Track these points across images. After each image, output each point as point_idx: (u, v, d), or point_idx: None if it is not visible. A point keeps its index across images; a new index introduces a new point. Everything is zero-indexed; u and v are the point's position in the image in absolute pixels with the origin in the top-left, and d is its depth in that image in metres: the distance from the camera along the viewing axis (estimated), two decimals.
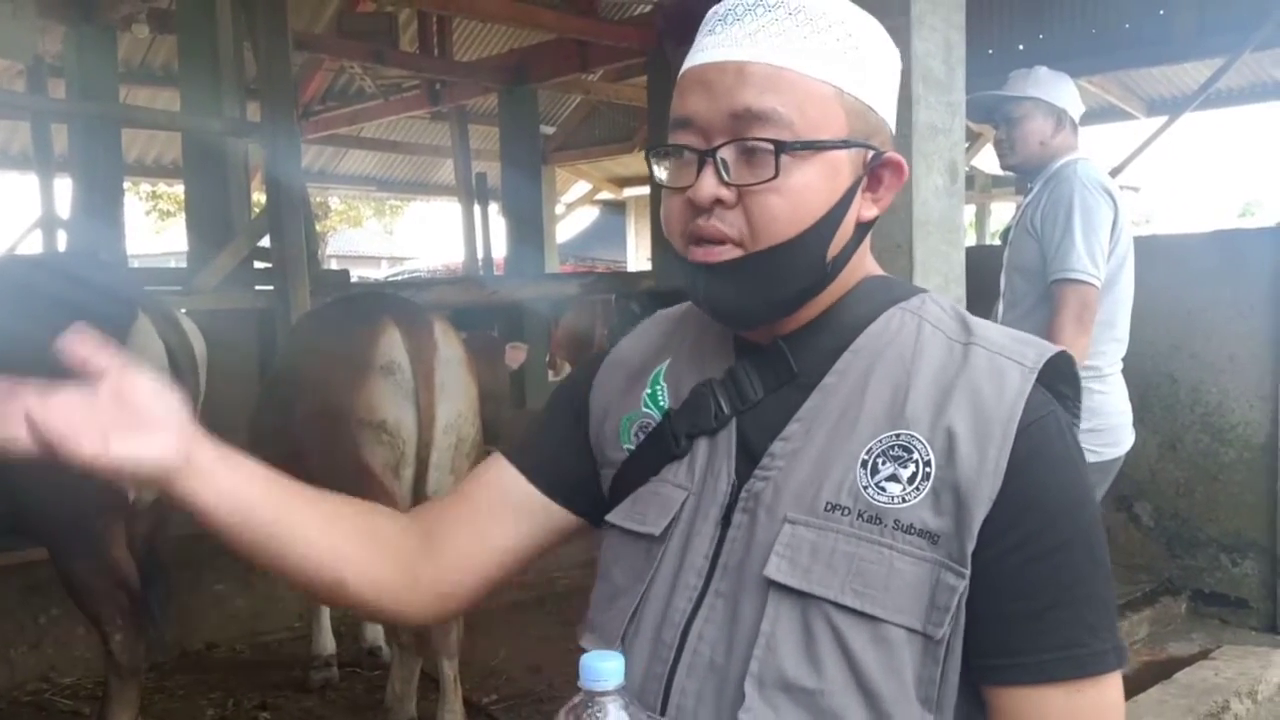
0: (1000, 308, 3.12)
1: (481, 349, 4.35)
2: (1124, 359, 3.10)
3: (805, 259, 0.94)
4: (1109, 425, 3.00)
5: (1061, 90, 3.08)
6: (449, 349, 3.19)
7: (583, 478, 1.10)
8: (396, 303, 3.34)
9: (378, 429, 3.02)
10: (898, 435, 0.90)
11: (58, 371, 0.84)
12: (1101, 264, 2.89)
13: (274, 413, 3.31)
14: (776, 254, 0.92)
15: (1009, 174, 3.32)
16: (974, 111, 2.96)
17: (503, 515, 1.10)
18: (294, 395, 3.17)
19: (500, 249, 10.03)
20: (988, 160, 12.23)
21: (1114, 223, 2.94)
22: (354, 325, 3.18)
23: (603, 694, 0.82)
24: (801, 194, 0.91)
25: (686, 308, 1.11)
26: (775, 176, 0.90)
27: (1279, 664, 3.93)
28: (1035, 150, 3.07)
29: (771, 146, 0.89)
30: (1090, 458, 2.97)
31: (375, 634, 4.10)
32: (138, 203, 18.88)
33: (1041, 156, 3.07)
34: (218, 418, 3.08)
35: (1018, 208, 3.19)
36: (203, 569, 4.16)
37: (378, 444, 3.03)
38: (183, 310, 3.14)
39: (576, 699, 0.83)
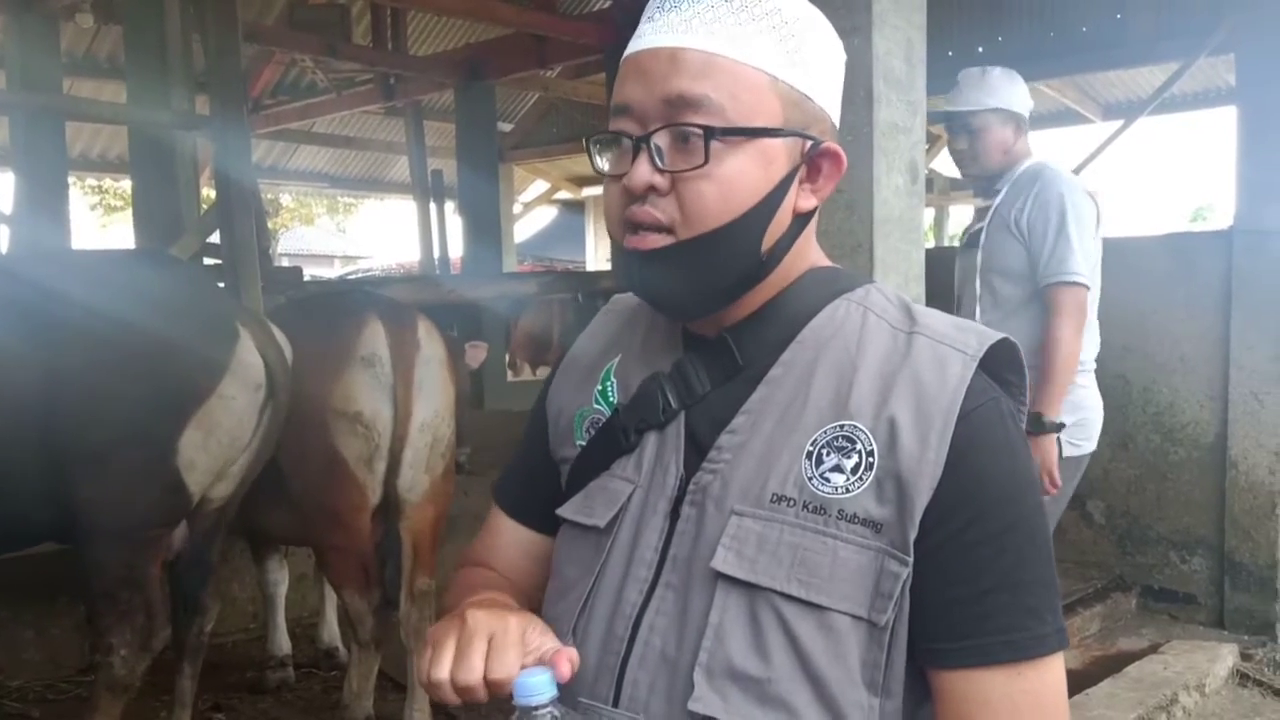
0: (978, 312, 3.10)
1: None
2: None
3: (738, 247, 0.94)
4: (1090, 420, 3.06)
5: (1016, 94, 3.09)
6: (431, 348, 3.20)
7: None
8: (382, 299, 3.37)
9: (353, 420, 3.02)
10: (841, 426, 0.91)
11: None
12: (1091, 266, 2.94)
13: None
14: (708, 241, 0.92)
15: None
16: (931, 117, 2.99)
17: (520, 564, 1.15)
18: None
19: (457, 248, 9.95)
20: (947, 163, 12.34)
21: (1096, 225, 2.99)
22: (338, 316, 3.19)
23: (537, 708, 0.84)
24: (733, 181, 0.91)
25: (640, 301, 1.11)
26: (705, 163, 0.90)
27: (1226, 658, 4.00)
28: (999, 160, 3.08)
29: (701, 132, 0.90)
30: (1070, 450, 3.00)
31: (332, 635, 4.06)
32: (83, 198, 18.56)
33: (1004, 164, 3.08)
34: None
35: (983, 210, 3.17)
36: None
37: (352, 435, 3.02)
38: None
39: (513, 717, 0.85)
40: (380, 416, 3.04)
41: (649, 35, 0.94)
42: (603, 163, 0.98)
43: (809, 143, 0.95)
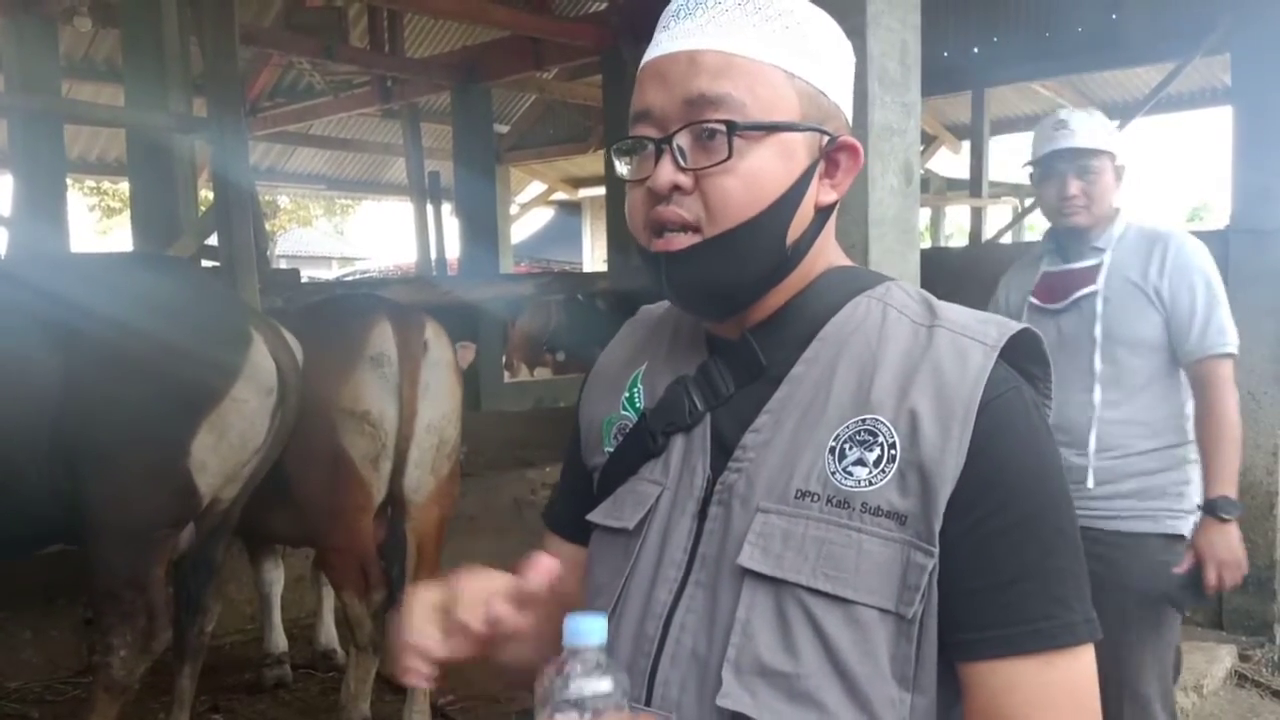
0: (1097, 391, 2.58)
1: None
2: None
3: (764, 241, 0.95)
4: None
5: (1119, 141, 2.75)
6: (439, 350, 3.25)
7: None
8: (390, 302, 3.42)
9: (360, 419, 3.05)
10: (863, 420, 0.91)
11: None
12: None
13: None
14: (735, 236, 0.93)
15: (963, 178, 3.26)
16: (1049, 166, 2.67)
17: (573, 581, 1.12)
18: None
19: (453, 249, 9.95)
20: (942, 163, 12.35)
21: None
22: (347, 317, 3.23)
23: (583, 649, 0.83)
24: (757, 175, 0.93)
25: (665, 309, 1.13)
26: (729, 157, 0.92)
27: (1224, 659, 4.00)
28: (1108, 210, 2.69)
29: (724, 127, 0.91)
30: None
31: (329, 636, 4.06)
32: (81, 200, 18.56)
33: (1106, 217, 2.70)
34: None
35: (1083, 271, 2.68)
36: None
37: (359, 435, 3.05)
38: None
39: (561, 656, 0.84)
40: (387, 416, 3.08)
41: (665, 42, 0.96)
42: (624, 168, 0.99)
43: (826, 137, 0.97)
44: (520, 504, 5.33)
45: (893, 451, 0.89)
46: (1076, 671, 0.89)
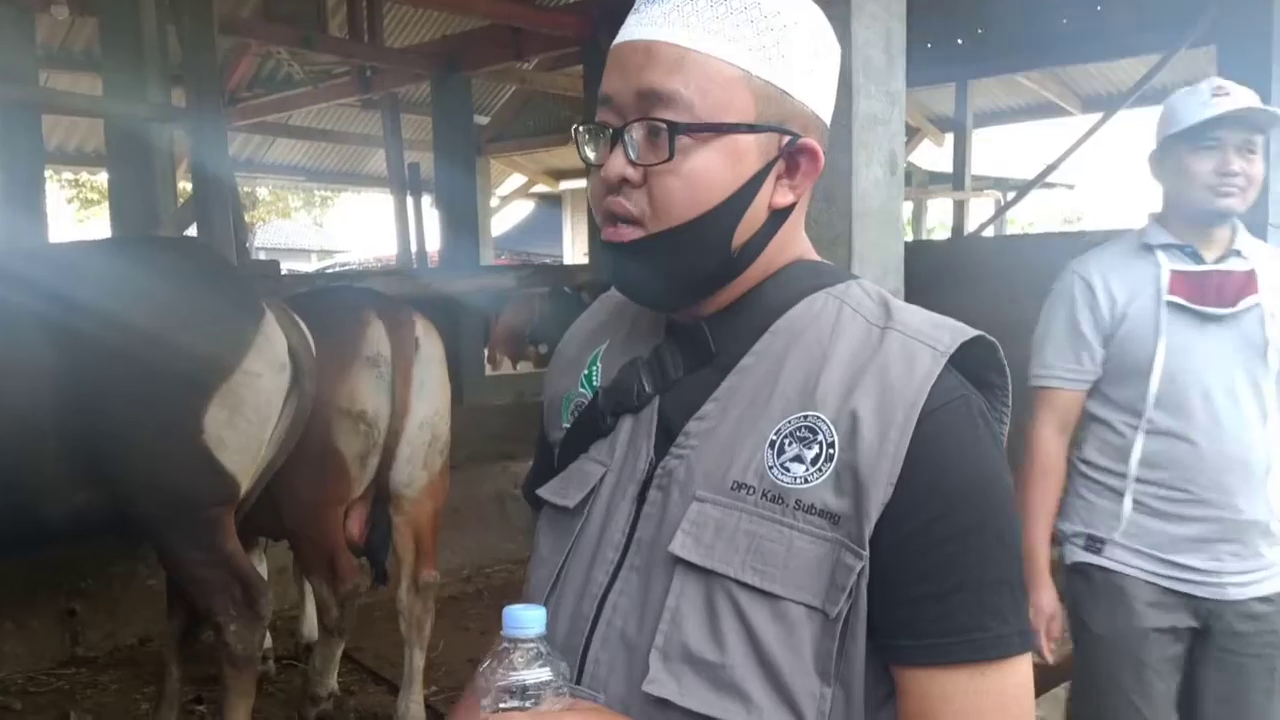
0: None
1: None
2: None
3: (706, 242, 0.94)
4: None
5: None
6: (430, 347, 3.27)
7: None
8: (377, 296, 3.42)
9: (356, 419, 3.07)
10: (805, 416, 0.91)
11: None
12: None
13: None
14: (675, 235, 0.93)
15: (945, 171, 3.21)
16: (1205, 135, 2.11)
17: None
18: None
19: (434, 241, 9.92)
20: (925, 156, 12.38)
21: None
22: (340, 315, 3.22)
23: (523, 640, 0.85)
24: (701, 177, 0.92)
25: None
26: (671, 158, 0.91)
27: None
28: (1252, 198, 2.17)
29: (666, 127, 0.90)
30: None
31: (312, 629, 4.05)
32: (59, 191, 18.42)
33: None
34: None
35: (1238, 271, 2.16)
36: (137, 564, 4.08)
37: (354, 434, 3.07)
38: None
39: (500, 646, 0.86)
40: (381, 415, 3.11)
41: (631, 27, 0.95)
42: (588, 152, 0.98)
43: (786, 138, 0.95)
44: (502, 497, 5.33)
45: (831, 451, 0.89)
46: (1008, 683, 0.89)
